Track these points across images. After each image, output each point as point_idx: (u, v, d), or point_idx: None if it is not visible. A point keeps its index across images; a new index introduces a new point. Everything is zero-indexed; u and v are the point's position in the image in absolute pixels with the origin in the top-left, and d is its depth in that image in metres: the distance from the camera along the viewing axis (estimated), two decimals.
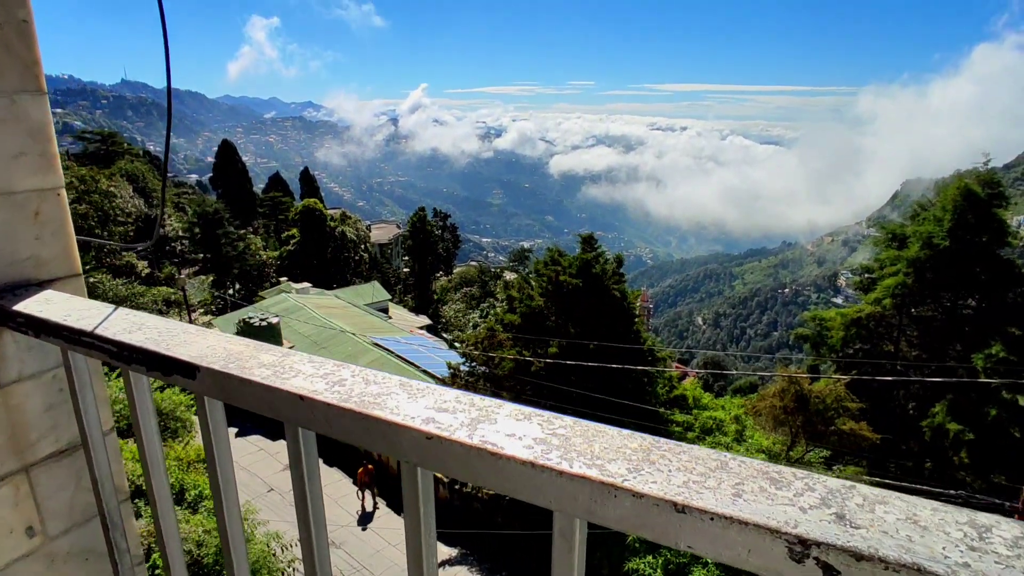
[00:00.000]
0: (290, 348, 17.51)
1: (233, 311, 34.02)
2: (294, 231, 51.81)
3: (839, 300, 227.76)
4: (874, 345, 22.32)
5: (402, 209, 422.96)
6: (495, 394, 18.98)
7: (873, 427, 18.39)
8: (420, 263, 55.32)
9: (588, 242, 20.05)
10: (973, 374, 18.72)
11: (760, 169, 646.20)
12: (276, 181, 73.33)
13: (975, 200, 19.63)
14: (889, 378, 18.39)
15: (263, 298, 37.05)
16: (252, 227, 60.02)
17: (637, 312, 21.19)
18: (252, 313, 27.77)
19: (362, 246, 54.58)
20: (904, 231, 21.71)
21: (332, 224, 51.52)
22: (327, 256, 50.16)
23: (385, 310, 41.35)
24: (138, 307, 31.05)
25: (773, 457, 18.87)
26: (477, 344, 19.24)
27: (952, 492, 13.57)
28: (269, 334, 25.30)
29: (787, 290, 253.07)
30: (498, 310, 39.75)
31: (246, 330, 25.29)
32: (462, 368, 19.44)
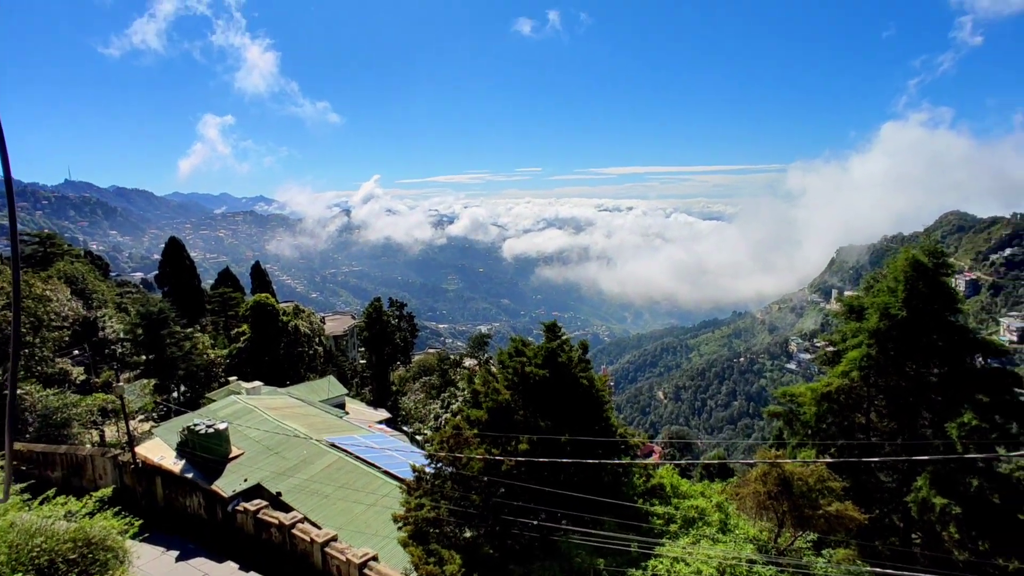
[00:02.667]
0: (239, 455, 15.92)
1: (177, 417, 31.65)
2: (244, 327, 49.84)
3: (792, 366, 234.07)
4: (845, 418, 22.07)
5: (357, 299, 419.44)
6: (464, 496, 17.63)
7: (858, 505, 17.77)
8: (377, 354, 53.70)
9: (552, 330, 19.50)
10: (949, 444, 18.51)
11: (705, 243, 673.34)
12: (226, 276, 71.41)
13: (923, 270, 20.17)
14: (875, 459, 17.95)
15: (211, 400, 34.77)
16: (200, 325, 57.60)
17: (606, 399, 20.46)
18: (198, 419, 25.72)
19: (316, 340, 52.81)
20: (861, 303, 22.05)
21: (284, 318, 49.86)
22: (280, 352, 48.14)
23: (342, 405, 39.45)
24: (71, 418, 28.58)
25: (761, 546, 17.89)
26: (443, 443, 18.02)
27: None
28: (216, 441, 23.35)
29: (742, 359, 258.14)
30: (460, 403, 38.42)
31: (191, 438, 23.32)
32: (428, 470, 18.08)
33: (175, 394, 43.22)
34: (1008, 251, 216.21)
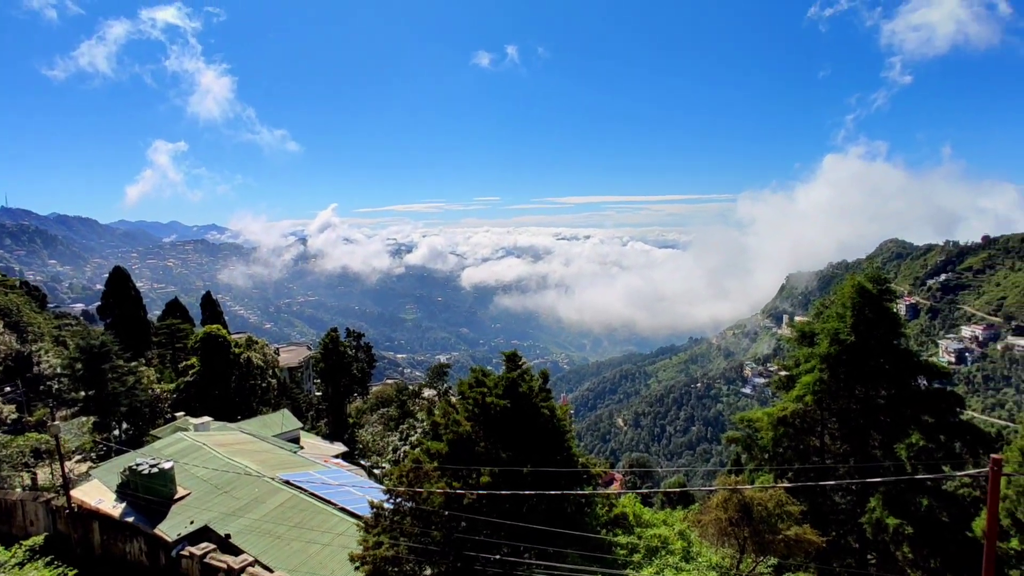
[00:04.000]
0: (186, 495, 15.12)
1: (119, 456, 29.95)
2: (193, 360, 47.98)
3: (747, 390, 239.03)
4: (801, 441, 22.51)
5: (313, 329, 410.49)
6: (424, 532, 17.12)
7: (815, 528, 18.01)
8: (333, 386, 52.38)
9: (512, 360, 19.36)
10: (899, 464, 19.03)
11: (661, 271, 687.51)
12: (174, 307, 68.88)
13: (869, 296, 20.97)
14: (830, 483, 18.28)
15: (156, 438, 33.08)
16: (146, 358, 55.16)
17: (567, 428, 20.34)
18: (141, 459, 24.40)
19: (270, 372, 51.20)
20: (812, 328, 22.72)
21: (236, 350, 48.22)
22: (231, 385, 46.42)
23: (296, 440, 38.19)
24: (0, 460, 26.72)
25: (724, 573, 17.90)
26: (402, 477, 17.53)
27: None
28: (160, 481, 22.18)
29: (699, 384, 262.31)
30: (419, 435, 37.69)
31: (133, 478, 22.07)
32: (386, 506, 17.52)
33: (117, 432, 41.04)
34: (943, 276, 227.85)
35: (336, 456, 37.56)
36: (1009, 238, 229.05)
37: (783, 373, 24.67)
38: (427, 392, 57.74)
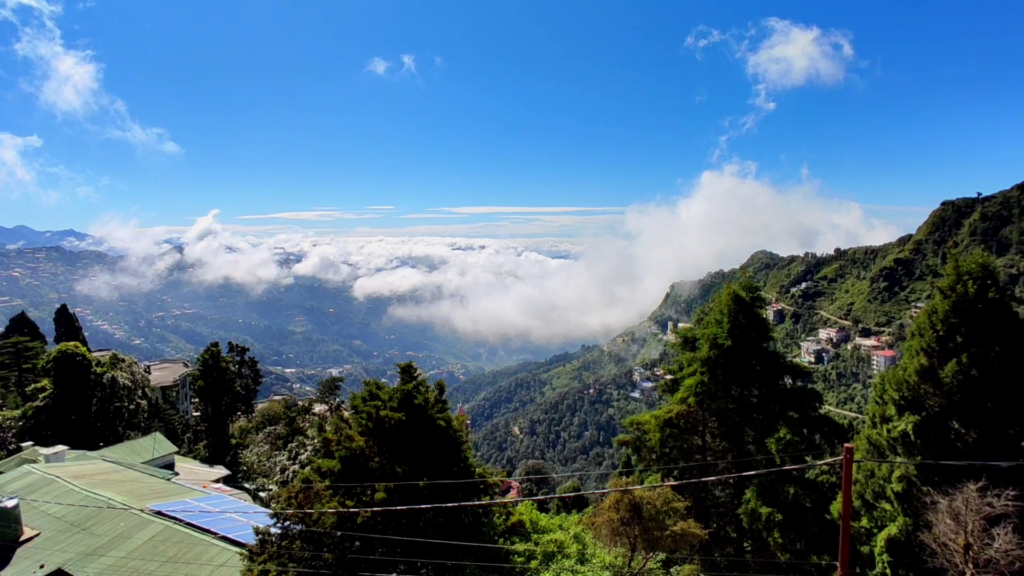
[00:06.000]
0: (34, 536, 13.30)
1: None
2: (45, 382, 42.86)
3: (636, 394, 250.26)
4: (685, 440, 23.84)
5: (190, 344, 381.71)
6: (315, 556, 16.27)
7: (699, 521, 19.13)
8: (214, 405, 48.77)
9: (407, 371, 18.96)
10: (770, 457, 20.63)
11: (554, 280, 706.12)
12: (20, 322, 61.37)
13: (743, 303, 22.69)
14: (711, 478, 19.43)
15: None
16: None
17: (464, 439, 20.21)
18: None
19: (139, 392, 46.81)
20: (694, 334, 24.20)
21: (99, 369, 43.63)
22: (92, 409, 41.90)
23: (171, 465, 35.17)
24: None
25: (617, 572, 18.48)
26: (291, 499, 16.57)
27: None
28: (2, 522, 19.52)
29: (592, 390, 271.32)
30: (310, 453, 36.01)
31: None
32: (273, 531, 16.48)
33: None
34: (804, 285, 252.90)
35: (217, 480, 34.98)
36: (855, 251, 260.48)
37: (668, 377, 26.06)
38: (318, 408, 55.20)
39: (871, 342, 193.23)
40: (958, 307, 19.59)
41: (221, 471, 39.02)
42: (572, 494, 44.08)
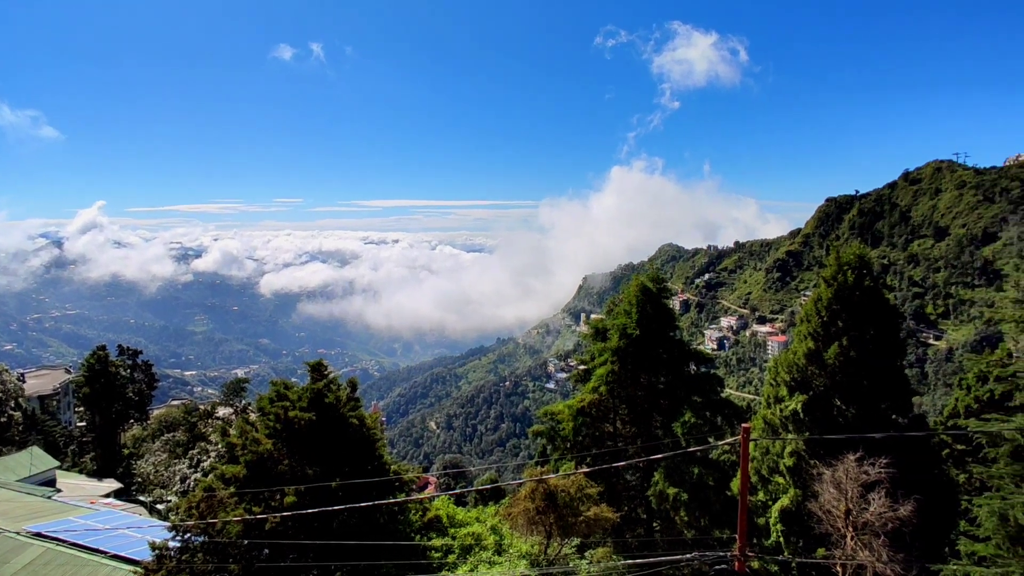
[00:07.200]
0: None
1: None
2: None
3: (551, 385, 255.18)
4: (597, 428, 24.58)
5: (73, 349, 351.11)
6: (220, 568, 15.45)
7: (611, 505, 19.81)
8: (102, 413, 45.12)
9: (317, 369, 18.36)
10: (676, 440, 21.67)
11: (469, 274, 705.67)
12: None
13: (650, 294, 23.64)
14: (622, 463, 20.11)
15: None
16: None
17: (379, 436, 19.85)
18: None
19: (11, 403, 42.52)
20: (605, 325, 24.95)
21: None
22: None
23: (52, 482, 32.32)
24: None
25: (533, 560, 18.82)
26: (191, 509, 15.62)
27: (687, 556, 14.87)
28: None
29: (507, 383, 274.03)
30: (214, 459, 34.15)
31: None
32: (172, 544, 15.48)
33: None
34: (707, 276, 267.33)
35: (107, 495, 32.50)
36: (752, 243, 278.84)
37: (581, 367, 26.74)
38: (222, 411, 52.25)
39: (766, 328, 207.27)
40: (839, 295, 21.36)
41: (112, 484, 36.30)
42: (489, 486, 44.41)
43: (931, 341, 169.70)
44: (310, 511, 14.78)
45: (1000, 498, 14.05)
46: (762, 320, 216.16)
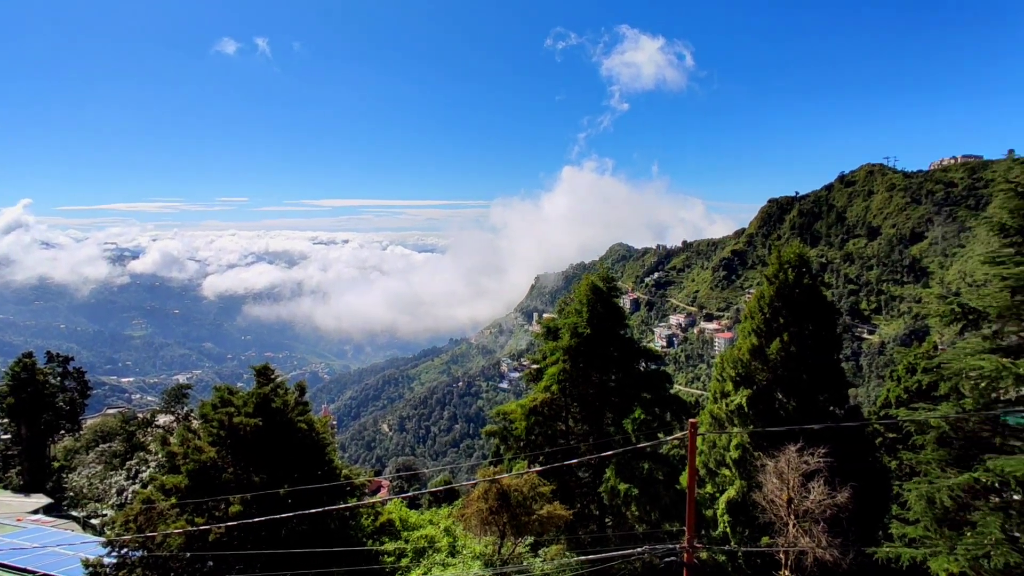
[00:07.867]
0: None
1: None
2: None
3: (504, 385, 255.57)
4: (550, 427, 24.76)
5: None
6: None
7: (564, 503, 19.98)
8: (29, 424, 42.62)
9: (263, 373, 17.86)
10: (627, 437, 22.04)
11: (421, 274, 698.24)
12: None
13: (600, 293, 23.99)
14: (574, 461, 20.30)
15: None
16: None
17: (328, 441, 19.45)
18: None
19: None
20: (556, 324, 25.15)
21: None
22: None
23: None
24: None
25: (487, 560, 18.78)
26: (129, 523, 14.95)
27: (638, 550, 15.15)
28: None
29: (460, 383, 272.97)
30: (153, 470, 32.77)
31: None
32: (107, 561, 14.77)
33: None
34: (656, 275, 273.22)
35: (35, 512, 30.83)
36: (700, 243, 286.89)
37: (534, 366, 26.89)
38: (163, 419, 50.02)
39: (713, 326, 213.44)
40: (780, 292, 22.16)
41: (41, 500, 34.45)
42: (443, 488, 44.13)
43: (865, 335, 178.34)
44: (257, 520, 14.35)
45: (927, 482, 14.85)
46: (709, 317, 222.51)
